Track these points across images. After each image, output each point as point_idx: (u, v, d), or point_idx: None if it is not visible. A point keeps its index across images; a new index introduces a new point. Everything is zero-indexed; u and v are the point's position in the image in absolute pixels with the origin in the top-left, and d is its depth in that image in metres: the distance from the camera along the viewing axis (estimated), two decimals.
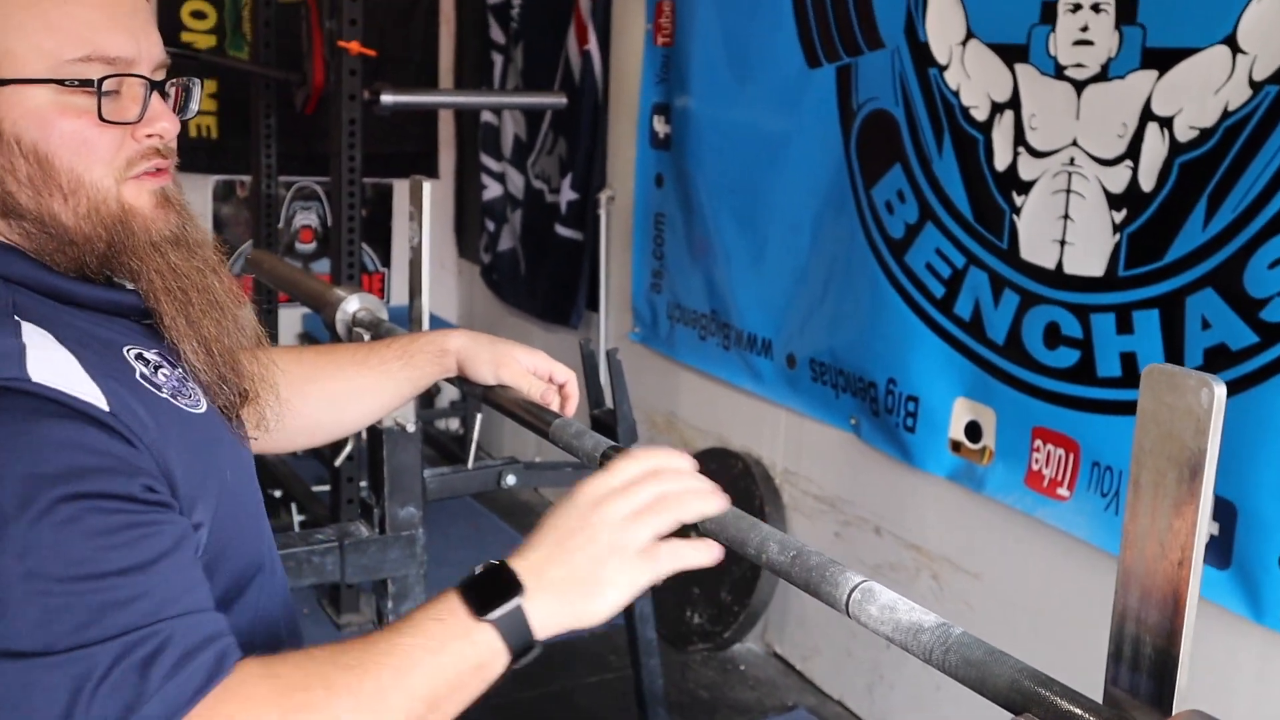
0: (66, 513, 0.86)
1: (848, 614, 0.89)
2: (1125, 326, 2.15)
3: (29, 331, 0.94)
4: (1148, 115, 2.07)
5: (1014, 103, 2.32)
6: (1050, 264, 2.28)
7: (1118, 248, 2.15)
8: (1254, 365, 1.95)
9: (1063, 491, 2.30)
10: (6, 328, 0.94)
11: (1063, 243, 2.25)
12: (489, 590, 0.93)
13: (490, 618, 0.92)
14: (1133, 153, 2.10)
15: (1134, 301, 2.13)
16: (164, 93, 1.07)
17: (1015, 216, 2.34)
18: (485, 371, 1.46)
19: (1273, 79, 1.89)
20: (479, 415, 1.68)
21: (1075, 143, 2.21)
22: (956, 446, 2.57)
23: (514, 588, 0.93)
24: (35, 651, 0.83)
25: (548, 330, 4.22)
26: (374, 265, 4.89)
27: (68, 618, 0.84)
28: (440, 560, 3.64)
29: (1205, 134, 1.99)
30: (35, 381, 0.90)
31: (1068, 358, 2.26)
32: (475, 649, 0.92)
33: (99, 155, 1.02)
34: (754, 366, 3.20)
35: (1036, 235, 2.30)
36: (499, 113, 4.40)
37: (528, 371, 1.47)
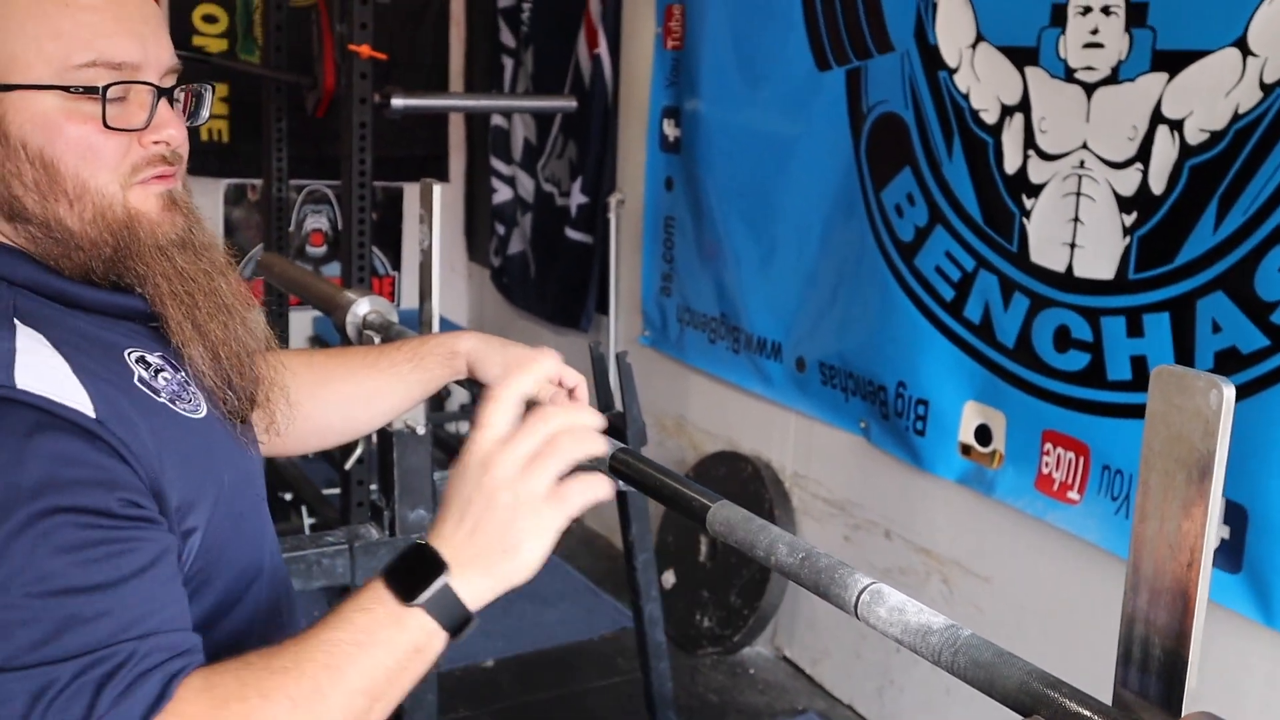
0: (41, 527, 0.86)
1: (856, 616, 0.89)
2: (1135, 330, 2.15)
3: (24, 335, 0.95)
4: (1158, 118, 2.07)
5: (1024, 105, 2.32)
6: (1060, 267, 2.27)
7: (1128, 251, 2.15)
8: (1265, 368, 1.94)
9: (1073, 495, 2.30)
10: (2, 332, 0.94)
11: (1073, 246, 2.25)
12: (413, 573, 0.93)
13: (418, 601, 0.91)
14: (1143, 155, 2.10)
15: (1144, 305, 2.13)
16: (172, 99, 1.06)
17: (1025, 219, 2.33)
18: (495, 373, 1.47)
19: None
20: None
21: (1085, 145, 2.21)
22: (966, 450, 2.57)
23: (437, 567, 0.92)
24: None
25: (558, 333, 4.23)
26: (384, 268, 4.90)
27: (32, 632, 0.85)
28: None
29: (1216, 136, 1.98)
30: (20, 388, 0.90)
31: (1078, 361, 2.26)
32: (408, 634, 0.92)
33: (104, 161, 1.02)
34: (764, 370, 3.20)
35: (1046, 238, 2.30)
36: (509, 116, 4.41)
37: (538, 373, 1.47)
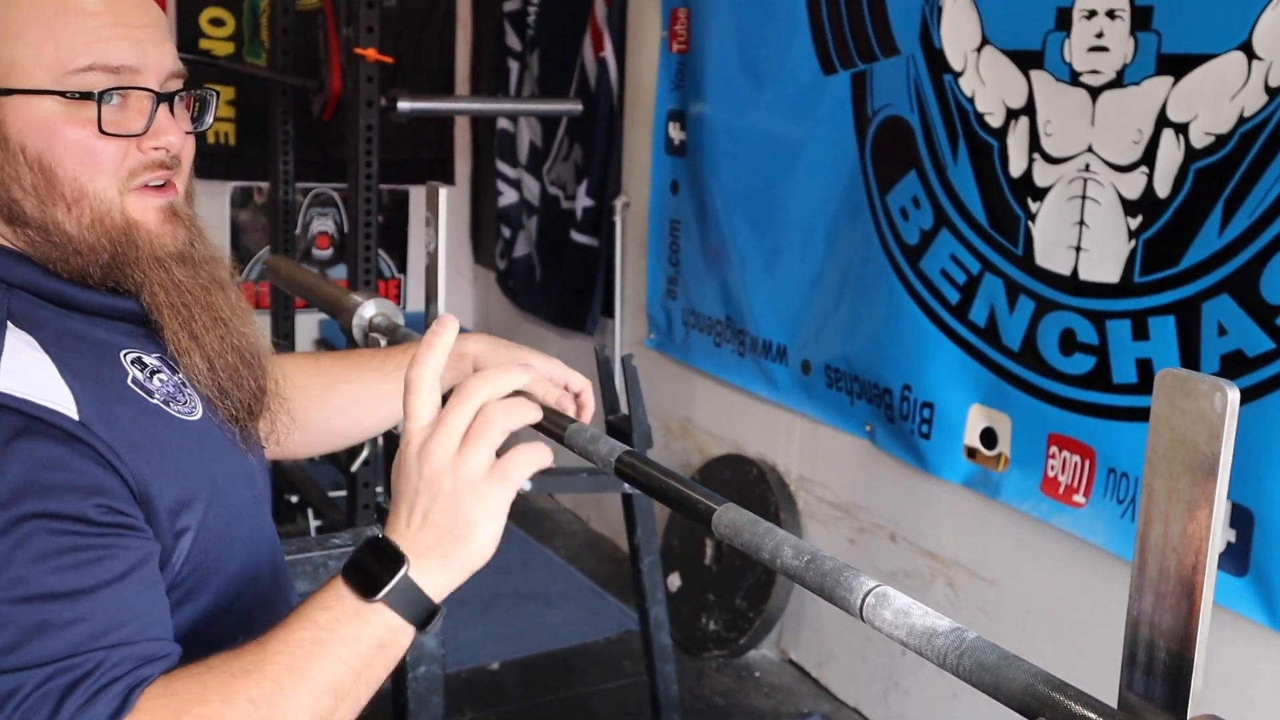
0: (18, 533, 0.87)
1: (861, 618, 0.89)
2: (1141, 333, 2.15)
3: (13, 337, 0.95)
4: (1163, 121, 2.07)
5: (1029, 109, 2.32)
6: (1066, 270, 2.28)
7: (1133, 254, 2.15)
8: (1271, 371, 1.94)
9: (1079, 498, 2.30)
10: None
11: (1078, 249, 2.25)
12: (372, 568, 0.92)
13: (379, 597, 0.91)
14: (1148, 159, 2.10)
15: (1150, 308, 2.13)
16: (173, 105, 1.07)
17: (1030, 223, 2.34)
18: None
19: None
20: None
21: (1090, 149, 2.21)
22: (972, 453, 2.57)
23: (396, 560, 0.92)
24: None
25: (563, 336, 4.23)
26: (390, 271, 4.91)
27: (2, 637, 0.85)
28: None
29: (1221, 140, 1.98)
30: (2, 391, 0.91)
31: (1083, 364, 2.26)
32: (371, 630, 0.92)
33: (102, 166, 1.02)
34: (769, 373, 3.20)
35: (1052, 241, 2.30)
36: (515, 119, 4.42)
37: (544, 378, 1.47)
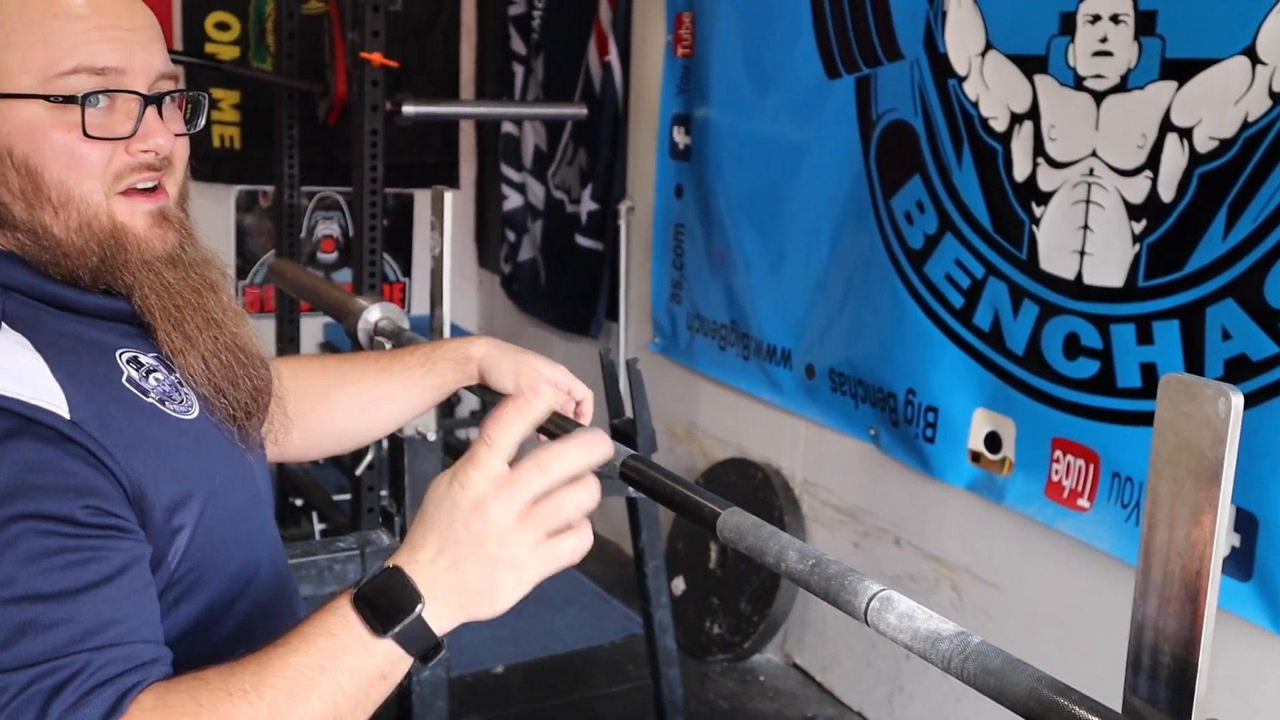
0: (6, 535, 0.87)
1: (866, 622, 0.89)
2: (1145, 337, 2.15)
3: (6, 338, 0.96)
4: (1167, 126, 2.07)
5: (1033, 113, 2.32)
6: (1070, 274, 2.28)
7: (1137, 258, 2.15)
8: (1275, 376, 1.94)
9: (1083, 503, 2.30)
10: None
11: (1082, 253, 2.25)
12: (386, 602, 0.90)
13: (391, 634, 0.89)
14: (1152, 163, 2.10)
15: (1154, 312, 2.13)
16: (161, 106, 1.06)
17: (1034, 227, 2.34)
18: (506, 380, 1.47)
19: None
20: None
21: (1095, 153, 2.21)
22: (976, 457, 2.57)
23: (412, 598, 0.90)
24: None
25: (568, 340, 4.24)
26: (395, 275, 4.91)
27: None
28: None
29: (1225, 144, 1.98)
30: None
31: (1088, 368, 2.26)
32: (374, 661, 0.90)
33: (87, 169, 1.02)
34: (773, 377, 3.20)
35: (1056, 246, 2.30)
36: (519, 123, 4.42)
37: (550, 382, 1.47)
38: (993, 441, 2.52)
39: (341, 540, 1.92)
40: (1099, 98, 2.19)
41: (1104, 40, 2.17)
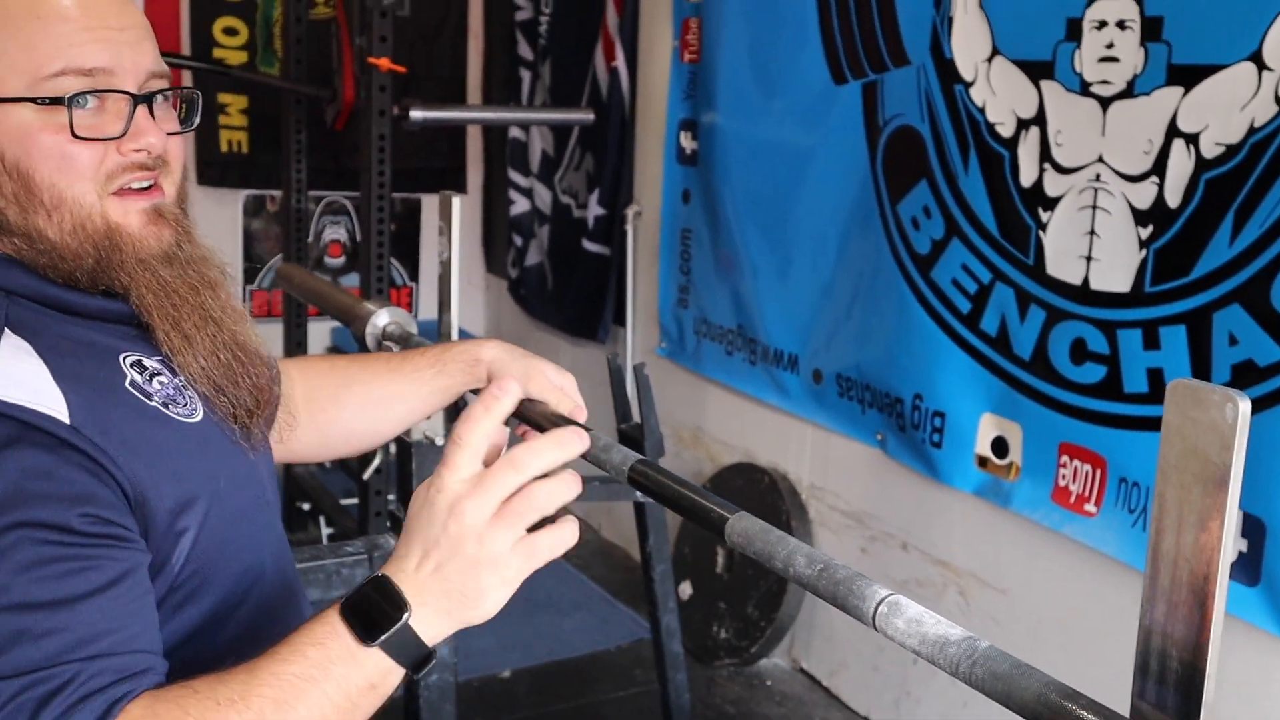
0: (2, 543, 0.87)
1: (874, 627, 0.89)
2: (1152, 342, 2.15)
3: (9, 344, 0.96)
4: (1173, 132, 2.07)
5: (1039, 119, 2.32)
6: (1076, 280, 2.28)
7: (1144, 263, 2.15)
8: None
9: (1090, 507, 2.30)
10: None
11: (1089, 259, 2.25)
12: (372, 609, 0.91)
13: (377, 643, 0.90)
14: (1159, 169, 2.10)
15: (1161, 317, 2.13)
16: (152, 106, 1.06)
17: (1041, 232, 2.34)
18: None
19: None
20: (507, 429, 1.69)
21: (1101, 159, 2.21)
22: (983, 462, 2.57)
23: (399, 606, 0.90)
24: None
25: (575, 345, 4.24)
26: (402, 279, 4.92)
27: None
28: None
29: (1231, 150, 1.99)
30: None
31: (1094, 374, 2.26)
32: (363, 671, 0.90)
33: (79, 171, 1.02)
34: (780, 381, 3.20)
35: (1062, 251, 2.30)
36: (527, 128, 4.43)
37: (556, 387, 1.47)
38: (1000, 446, 2.52)
39: (349, 544, 1.93)
40: (1105, 103, 2.19)
41: (1110, 46, 2.17)
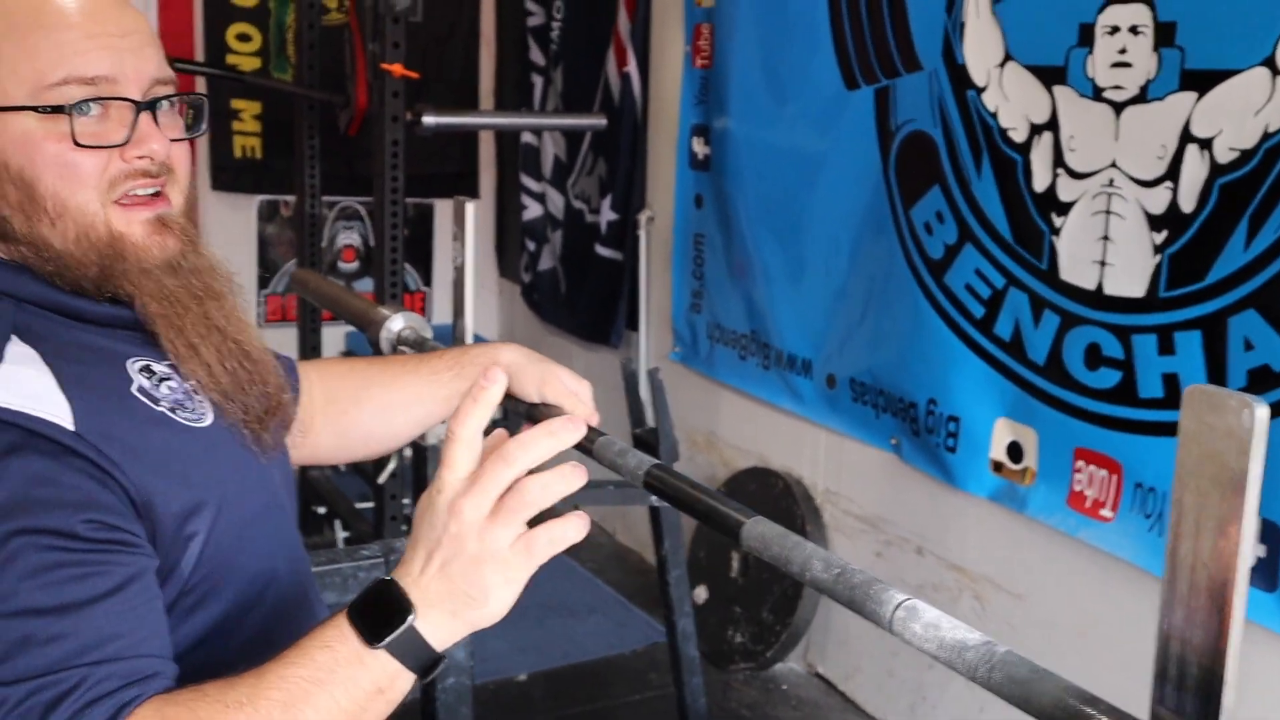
0: (7, 550, 0.88)
1: (891, 631, 0.89)
2: (1167, 347, 2.14)
3: (15, 350, 0.97)
4: (1187, 137, 2.07)
5: (1052, 124, 2.32)
6: (1090, 285, 2.28)
7: (1158, 269, 2.15)
8: None
9: (1106, 513, 2.29)
10: None
11: (1103, 264, 2.25)
12: (379, 612, 0.91)
13: (383, 644, 0.90)
14: (1172, 174, 2.10)
15: (1175, 323, 2.13)
16: (156, 112, 1.06)
17: (1055, 237, 2.34)
18: (530, 389, 1.47)
19: None
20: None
21: (1114, 164, 2.21)
22: (998, 467, 2.56)
23: (404, 608, 0.91)
24: None
25: (588, 349, 4.25)
26: (415, 284, 4.93)
27: None
28: None
29: (1246, 155, 1.98)
30: None
31: (1109, 379, 2.26)
32: (370, 675, 0.90)
33: (82, 179, 1.02)
34: (794, 386, 3.21)
35: (1076, 256, 2.30)
36: (539, 134, 4.44)
37: (571, 393, 1.48)
38: (1014, 451, 2.52)
39: (365, 548, 1.93)
40: (1118, 109, 2.19)
41: (1123, 51, 2.17)
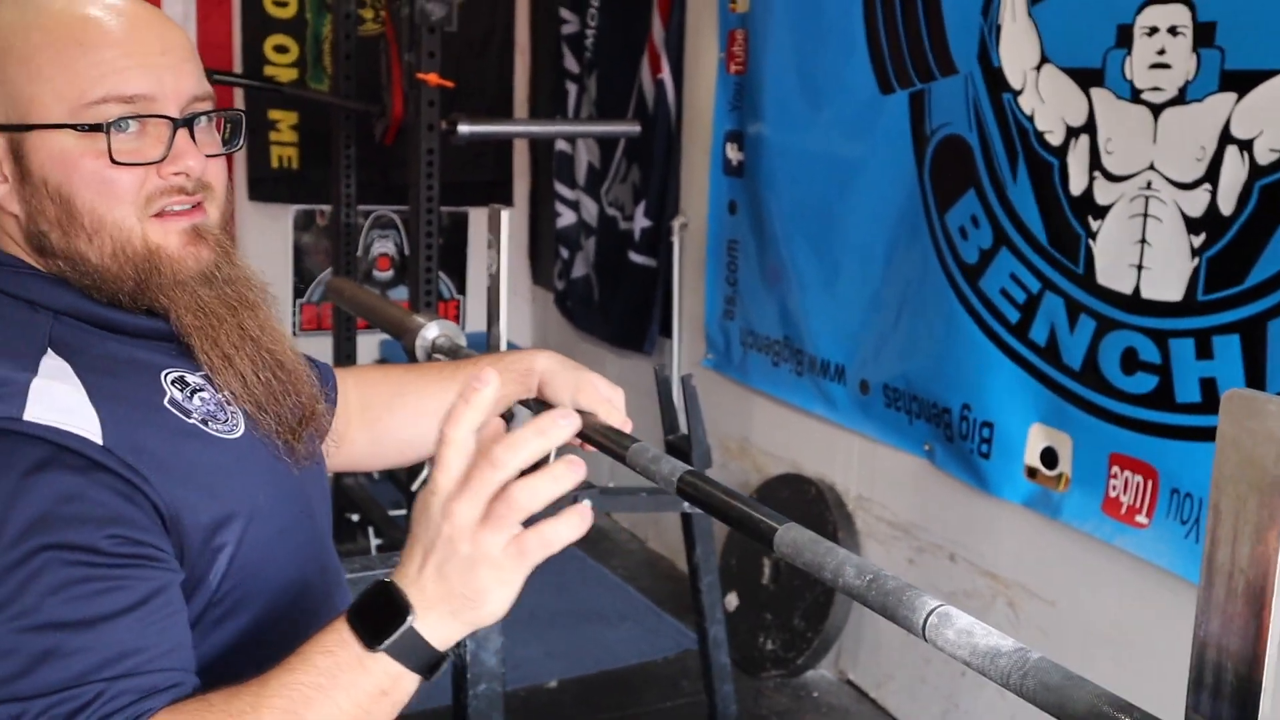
0: (34, 564, 0.89)
1: (924, 638, 0.89)
2: (1205, 352, 2.12)
3: (49, 364, 0.98)
4: (1227, 138, 2.05)
5: (1089, 127, 2.31)
6: (1127, 289, 2.26)
7: (1196, 272, 2.12)
8: None
9: (1141, 519, 2.27)
10: (24, 360, 0.97)
11: (1140, 267, 2.23)
12: (378, 615, 0.91)
13: (382, 647, 0.90)
14: (1211, 176, 2.08)
15: (1214, 326, 2.10)
16: (193, 129, 1.07)
17: (1091, 241, 2.32)
18: (564, 395, 1.47)
19: None
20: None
21: (1152, 166, 2.19)
22: (1032, 473, 2.55)
23: (403, 610, 0.90)
24: None
25: (621, 356, 4.25)
26: (450, 292, 4.95)
27: (10, 664, 0.87)
28: None
29: None
30: (26, 419, 0.92)
31: (1146, 383, 2.24)
32: (372, 678, 0.90)
33: (119, 195, 1.03)
34: (827, 392, 3.20)
35: (1113, 260, 2.28)
36: (573, 141, 4.45)
37: (605, 400, 1.48)
38: (1049, 457, 2.50)
39: (397, 555, 1.94)
40: (1157, 110, 2.17)
41: (1161, 52, 2.15)
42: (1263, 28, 1.99)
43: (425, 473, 3.19)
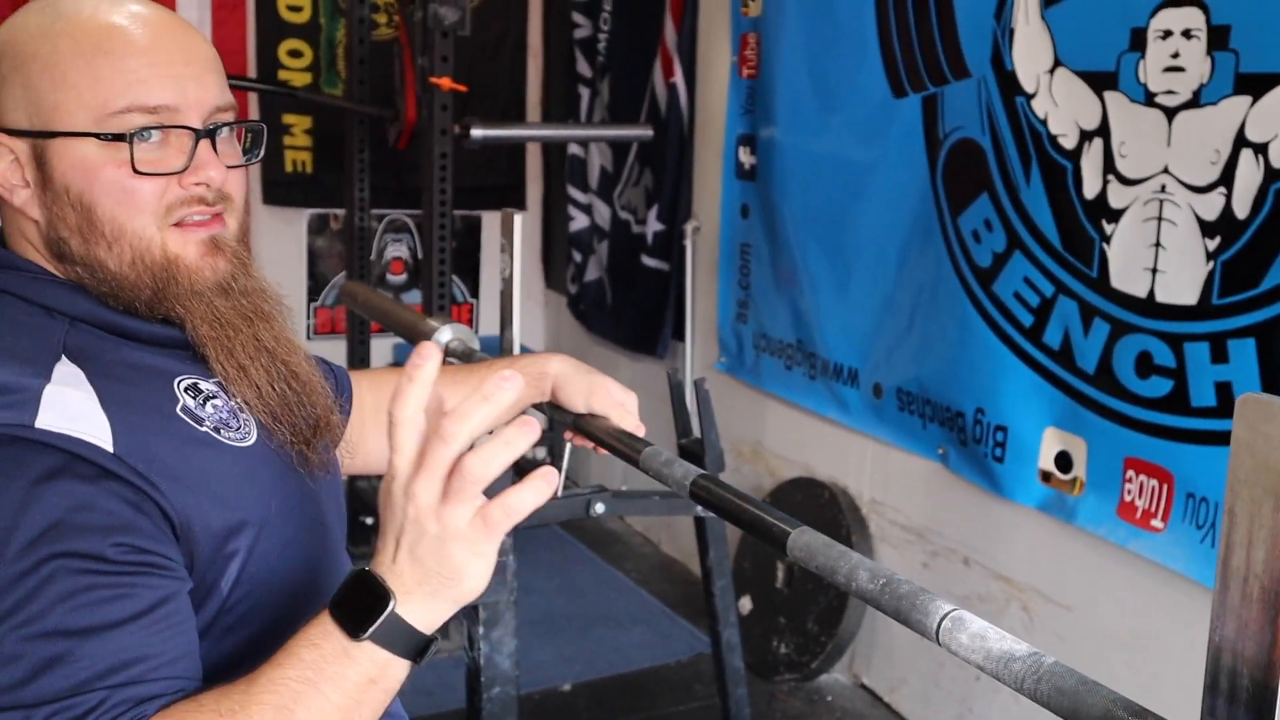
0: (43, 572, 0.90)
1: (938, 642, 0.89)
2: (1220, 355, 2.12)
3: (62, 370, 0.98)
4: (1241, 141, 2.05)
5: (1103, 130, 2.30)
6: (1142, 292, 2.25)
7: (1211, 275, 2.12)
8: None
9: (1156, 523, 2.26)
10: (38, 366, 0.98)
11: (1154, 271, 2.22)
12: (359, 604, 0.92)
13: (366, 636, 0.91)
14: (1226, 179, 2.07)
15: (1229, 330, 2.10)
16: (215, 139, 1.07)
17: (1105, 245, 2.31)
18: (577, 399, 1.48)
19: None
20: (568, 444, 1.70)
21: (1166, 170, 2.18)
22: (1046, 477, 2.54)
23: (383, 597, 0.91)
24: None
25: (634, 360, 4.25)
26: (463, 296, 4.96)
27: (14, 671, 0.88)
28: (528, 588, 3.68)
29: None
30: (38, 427, 0.93)
31: (1160, 387, 2.23)
32: (359, 667, 0.91)
33: (139, 205, 1.04)
34: (840, 396, 3.19)
35: (1127, 263, 2.28)
36: (586, 145, 4.46)
37: (618, 403, 1.48)
38: (1063, 461, 2.49)
39: None
40: (1171, 114, 2.17)
41: (1175, 56, 2.14)
42: (1277, 31, 1.98)
43: None
